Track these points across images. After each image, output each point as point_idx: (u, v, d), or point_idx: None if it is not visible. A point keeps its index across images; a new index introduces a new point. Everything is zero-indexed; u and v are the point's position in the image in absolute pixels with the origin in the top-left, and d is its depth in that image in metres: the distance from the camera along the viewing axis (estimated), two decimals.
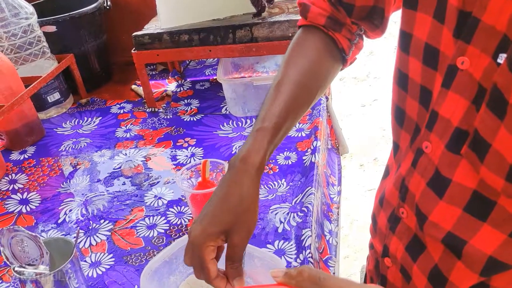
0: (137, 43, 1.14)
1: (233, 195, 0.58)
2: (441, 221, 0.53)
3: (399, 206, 0.59)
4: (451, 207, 0.52)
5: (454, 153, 0.50)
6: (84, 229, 0.87)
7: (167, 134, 1.12)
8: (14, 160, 1.10)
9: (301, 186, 0.89)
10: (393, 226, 0.61)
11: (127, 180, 0.99)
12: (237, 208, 0.57)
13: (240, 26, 1.08)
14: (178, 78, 1.36)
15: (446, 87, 0.50)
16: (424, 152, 0.54)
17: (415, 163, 0.56)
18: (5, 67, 1.06)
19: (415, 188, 0.56)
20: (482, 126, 0.46)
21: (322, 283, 0.45)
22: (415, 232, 0.58)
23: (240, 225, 0.57)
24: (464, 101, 0.48)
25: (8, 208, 0.95)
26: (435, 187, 0.53)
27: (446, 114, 0.50)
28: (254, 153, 0.59)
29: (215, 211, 0.58)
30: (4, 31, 1.13)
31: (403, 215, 0.59)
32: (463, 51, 0.47)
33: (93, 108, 1.27)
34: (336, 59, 0.70)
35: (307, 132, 1.04)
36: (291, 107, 0.63)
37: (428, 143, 0.53)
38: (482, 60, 0.45)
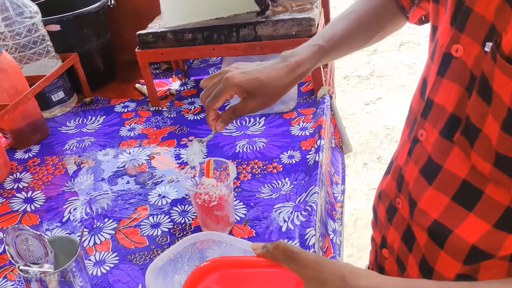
0: (141, 42, 1.14)
1: (274, 78, 0.70)
2: (429, 208, 0.54)
3: (396, 196, 0.61)
4: (439, 194, 0.53)
5: (447, 139, 0.51)
6: (88, 228, 0.87)
7: (171, 133, 1.12)
8: (18, 159, 1.11)
9: (305, 185, 0.89)
10: (390, 217, 0.63)
11: (131, 179, 0.99)
12: (272, 84, 0.70)
13: (243, 24, 1.08)
14: (181, 77, 1.36)
15: (441, 75, 0.52)
16: (419, 140, 0.56)
17: (411, 151, 0.58)
18: (9, 66, 1.06)
19: (409, 176, 0.58)
20: (473, 112, 0.47)
21: (295, 256, 0.49)
22: (408, 221, 0.59)
23: (263, 96, 0.70)
24: (458, 88, 0.49)
25: (13, 207, 0.95)
26: (426, 174, 0.54)
27: (441, 101, 0.52)
28: (307, 62, 0.72)
29: (258, 74, 0.70)
30: (8, 30, 1.14)
31: (399, 205, 0.61)
32: (457, 39, 0.49)
33: (97, 107, 1.27)
34: (397, 14, 0.76)
35: (311, 131, 1.04)
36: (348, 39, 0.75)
37: (423, 131, 0.55)
38: (473, 49, 0.47)
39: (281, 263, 0.50)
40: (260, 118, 1.12)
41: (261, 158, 0.98)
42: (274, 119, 1.11)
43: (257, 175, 0.94)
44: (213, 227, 0.81)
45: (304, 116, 1.10)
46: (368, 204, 2.21)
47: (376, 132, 2.69)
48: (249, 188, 0.91)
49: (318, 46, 0.73)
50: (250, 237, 0.80)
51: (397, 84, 3.08)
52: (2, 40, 1.15)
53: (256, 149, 1.01)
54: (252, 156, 0.99)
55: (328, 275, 0.47)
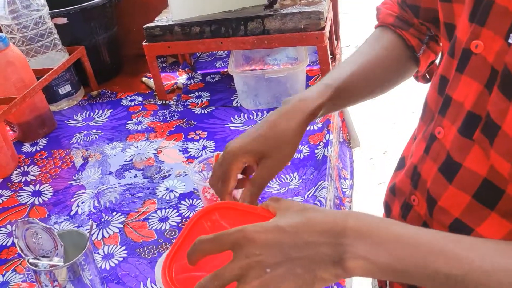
0: (148, 35, 1.13)
1: (281, 124, 0.61)
2: (450, 206, 0.53)
3: (411, 193, 0.60)
4: (460, 193, 0.52)
5: (466, 137, 0.50)
6: (97, 221, 0.87)
7: (178, 127, 1.12)
8: (26, 152, 1.11)
9: (313, 180, 0.88)
10: (405, 213, 0.62)
11: (138, 172, 0.99)
12: (281, 137, 0.60)
13: (251, 18, 1.07)
14: (188, 71, 1.35)
15: (460, 72, 0.51)
16: (437, 138, 0.55)
17: (428, 149, 0.56)
18: (17, 59, 1.06)
19: (427, 174, 0.57)
20: (494, 109, 0.46)
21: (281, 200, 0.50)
22: (425, 219, 0.58)
23: (277, 154, 0.60)
24: (477, 85, 0.49)
25: (21, 200, 0.95)
26: (446, 172, 0.53)
27: (460, 98, 0.51)
28: (313, 99, 0.62)
29: (260, 132, 0.61)
30: (15, 23, 1.13)
31: (414, 203, 0.60)
32: (477, 34, 0.48)
33: (104, 101, 1.27)
34: (407, 56, 0.71)
35: (319, 125, 1.03)
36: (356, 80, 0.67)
37: (441, 129, 0.54)
38: (495, 43, 0.46)
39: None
40: (267, 112, 1.11)
41: None
42: None
43: None
44: None
45: None
46: (374, 199, 2.21)
47: (383, 127, 2.68)
48: None
49: (324, 84, 0.65)
50: None
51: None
52: (9, 33, 1.15)
53: None
54: None
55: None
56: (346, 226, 0.44)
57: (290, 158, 0.62)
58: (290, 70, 1.08)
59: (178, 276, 0.51)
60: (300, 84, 1.11)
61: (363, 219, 0.45)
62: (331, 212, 0.48)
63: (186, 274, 0.51)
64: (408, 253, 0.42)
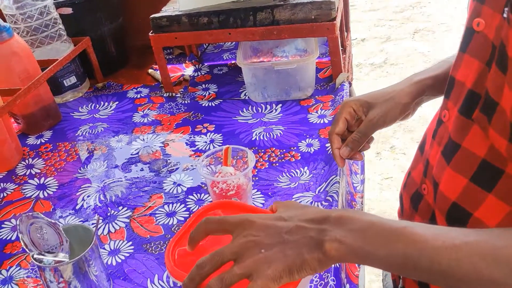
0: (154, 26, 1.11)
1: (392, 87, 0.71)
2: (447, 190, 0.53)
3: (422, 182, 0.59)
4: (457, 175, 0.51)
5: (466, 117, 0.50)
6: (103, 216, 0.85)
7: (185, 120, 1.09)
8: (30, 144, 1.09)
9: (324, 175, 0.86)
10: (415, 204, 0.61)
11: (145, 166, 0.97)
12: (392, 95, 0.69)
13: (261, 8, 1.05)
14: (195, 63, 1.33)
15: (463, 51, 0.51)
16: (443, 121, 0.54)
17: (435, 133, 0.56)
18: (21, 49, 1.03)
19: (433, 159, 0.56)
20: (492, 85, 0.46)
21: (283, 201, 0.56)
22: (433, 207, 0.57)
23: (384, 107, 0.69)
24: (478, 63, 0.48)
25: (26, 193, 0.94)
26: (445, 154, 0.53)
27: (461, 78, 0.51)
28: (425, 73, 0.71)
29: (372, 92, 0.72)
30: (20, 12, 1.11)
31: (425, 192, 0.59)
32: (479, 12, 0.48)
33: (110, 93, 1.25)
34: None
35: (330, 118, 1.01)
36: None
37: (446, 111, 0.54)
38: (494, 19, 0.46)
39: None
40: (276, 105, 1.09)
41: (278, 146, 0.96)
42: (291, 106, 1.08)
43: (274, 163, 0.91)
44: None
45: (322, 104, 1.06)
46: (381, 194, 2.18)
47: None
48: (267, 177, 0.88)
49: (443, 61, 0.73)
50: None
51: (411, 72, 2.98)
52: (14, 23, 1.13)
53: (273, 137, 0.99)
54: (269, 144, 0.97)
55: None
56: (330, 215, 0.48)
57: (396, 119, 0.70)
58: (300, 62, 1.05)
59: (181, 259, 0.55)
60: (310, 76, 1.09)
61: (345, 211, 0.49)
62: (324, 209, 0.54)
63: (189, 258, 0.54)
64: (376, 237, 0.45)
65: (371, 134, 0.72)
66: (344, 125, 0.72)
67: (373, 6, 3.99)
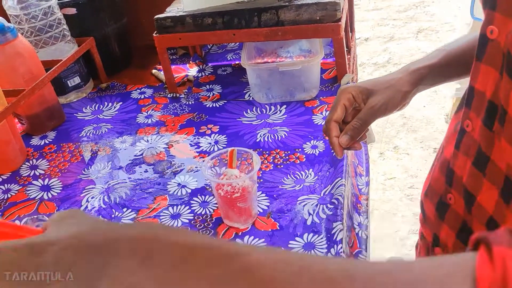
0: (159, 26, 1.11)
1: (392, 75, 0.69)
2: (485, 202, 0.51)
3: (447, 191, 0.58)
4: (492, 187, 0.50)
5: (489, 129, 0.48)
6: (107, 218, 0.85)
7: (189, 121, 1.09)
8: (34, 145, 1.09)
9: (330, 177, 0.85)
10: (441, 214, 0.60)
11: (149, 167, 0.96)
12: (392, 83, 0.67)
13: (265, 9, 1.04)
14: (199, 63, 1.32)
15: (479, 60, 0.49)
16: (466, 131, 0.53)
17: (459, 144, 0.55)
18: (25, 50, 1.03)
19: (461, 169, 0.54)
20: (503, 93, 0.44)
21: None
22: (464, 217, 0.56)
23: (384, 94, 0.66)
24: (494, 72, 0.47)
25: (30, 195, 0.93)
26: (479, 165, 0.51)
27: (481, 88, 0.49)
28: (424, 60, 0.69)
29: (372, 79, 0.69)
30: (24, 13, 1.11)
31: (451, 201, 0.57)
32: (491, 20, 0.46)
33: (113, 93, 1.24)
34: None
35: None
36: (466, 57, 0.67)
37: (469, 121, 0.52)
38: (506, 26, 0.44)
39: None
40: (281, 107, 1.08)
41: (283, 148, 0.95)
42: (296, 108, 1.07)
43: (279, 165, 0.91)
44: (235, 219, 0.78)
45: (327, 105, 1.06)
46: (384, 194, 2.18)
47: (393, 121, 2.64)
48: (272, 179, 0.88)
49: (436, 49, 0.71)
50: (274, 230, 0.77)
51: None
52: (18, 23, 1.12)
53: (278, 139, 0.98)
54: (273, 145, 0.96)
55: None
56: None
57: (397, 107, 0.68)
58: (305, 63, 1.05)
59: None
60: (315, 77, 1.08)
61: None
62: None
63: None
64: None
65: (372, 122, 0.69)
66: (342, 112, 0.68)
67: (377, 5, 3.98)
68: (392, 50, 3.33)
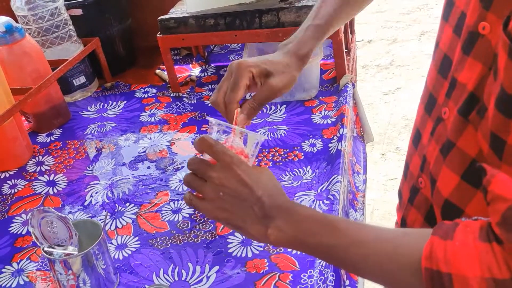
0: (162, 27, 1.13)
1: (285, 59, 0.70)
2: (442, 186, 0.55)
3: (419, 176, 0.61)
4: (450, 173, 0.53)
5: (463, 117, 0.51)
6: (110, 212, 0.88)
7: (192, 119, 1.12)
8: (40, 142, 1.12)
9: (326, 174, 0.88)
10: (412, 196, 0.63)
11: (151, 164, 0.99)
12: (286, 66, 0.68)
13: (266, 10, 1.07)
14: (202, 63, 1.35)
15: (466, 54, 0.51)
16: (442, 119, 0.56)
17: (433, 131, 0.58)
18: (32, 49, 1.06)
19: (431, 155, 0.58)
20: (487, 90, 0.48)
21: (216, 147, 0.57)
22: (431, 202, 0.59)
23: (281, 76, 0.67)
24: (481, 67, 0.49)
25: (36, 190, 0.96)
26: (443, 151, 0.55)
27: (463, 80, 0.52)
28: (307, 42, 0.72)
29: (266, 58, 0.69)
30: (31, 13, 1.14)
31: (421, 185, 0.61)
32: (484, 17, 0.49)
33: (118, 92, 1.27)
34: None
35: (333, 119, 1.03)
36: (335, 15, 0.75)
37: (446, 109, 0.55)
38: (498, 27, 0.46)
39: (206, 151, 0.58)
40: (281, 106, 1.11)
41: (282, 146, 0.98)
42: (295, 107, 1.10)
43: (278, 162, 0.93)
44: None
45: (326, 105, 1.08)
46: (385, 194, 2.19)
47: (395, 123, 2.66)
48: None
49: (313, 26, 0.73)
50: None
51: (417, 74, 3.03)
52: (25, 23, 1.16)
53: (277, 137, 1.01)
54: (273, 143, 0.99)
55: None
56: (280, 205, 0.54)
57: (290, 87, 0.70)
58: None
59: None
60: (314, 77, 1.11)
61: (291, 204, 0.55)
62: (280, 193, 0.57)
63: None
64: (308, 228, 0.52)
65: (267, 103, 0.70)
66: (243, 92, 0.66)
67: (380, 7, 3.99)
68: (395, 52, 3.34)
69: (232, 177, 0.55)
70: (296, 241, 0.52)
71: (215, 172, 0.56)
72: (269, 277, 0.71)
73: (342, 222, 0.52)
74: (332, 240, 0.50)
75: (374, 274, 0.48)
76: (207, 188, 0.56)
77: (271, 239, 0.53)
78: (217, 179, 0.55)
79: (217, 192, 0.55)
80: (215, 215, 0.57)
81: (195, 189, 0.58)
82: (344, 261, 0.50)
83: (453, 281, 0.41)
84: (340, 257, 0.50)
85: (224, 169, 0.55)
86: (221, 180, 0.55)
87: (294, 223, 0.53)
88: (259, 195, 0.54)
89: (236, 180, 0.55)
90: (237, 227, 0.56)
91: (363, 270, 0.49)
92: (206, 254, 0.76)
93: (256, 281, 0.71)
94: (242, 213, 0.55)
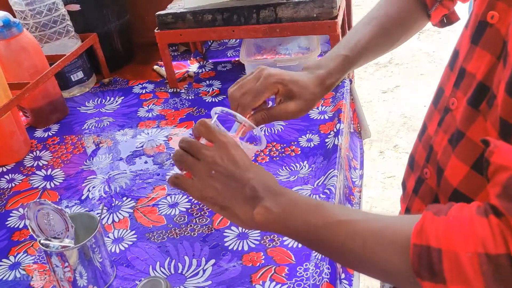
0: (160, 23, 1.13)
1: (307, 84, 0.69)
2: (451, 176, 0.55)
3: (424, 166, 0.61)
4: (460, 163, 0.53)
5: (473, 107, 0.51)
6: (107, 206, 0.88)
7: (189, 115, 1.12)
8: (38, 137, 1.12)
9: (323, 168, 0.88)
10: (416, 187, 0.63)
11: (149, 159, 0.99)
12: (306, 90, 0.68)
13: (264, 6, 1.07)
14: (200, 59, 1.35)
15: (475, 43, 0.52)
16: (450, 109, 0.56)
17: (441, 121, 0.58)
18: (30, 44, 1.06)
19: (438, 145, 0.58)
20: (497, 79, 0.47)
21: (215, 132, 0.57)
22: (436, 192, 0.59)
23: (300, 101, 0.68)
24: (490, 56, 0.50)
25: (33, 184, 0.96)
26: (452, 142, 0.55)
27: (472, 70, 0.52)
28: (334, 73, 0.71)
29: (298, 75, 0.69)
30: (29, 9, 1.14)
31: (427, 175, 0.61)
32: (493, 5, 0.49)
33: (116, 88, 1.27)
34: (419, 13, 0.75)
35: (330, 114, 1.03)
36: (372, 47, 0.74)
37: (455, 99, 0.55)
38: (508, 15, 0.47)
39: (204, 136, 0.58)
40: None
41: (279, 141, 0.98)
42: None
43: (275, 157, 0.94)
44: None
45: (323, 100, 1.08)
46: (384, 192, 2.20)
47: (393, 121, 2.66)
48: (267, 170, 0.90)
49: (343, 56, 0.72)
50: None
51: (415, 72, 3.03)
52: (23, 18, 1.16)
53: (274, 132, 1.01)
54: (270, 138, 0.99)
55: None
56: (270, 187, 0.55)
57: (305, 113, 0.70)
58: (302, 60, 1.07)
59: None
60: None
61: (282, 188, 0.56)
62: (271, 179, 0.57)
63: None
64: (295, 210, 0.52)
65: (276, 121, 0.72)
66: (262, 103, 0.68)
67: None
68: (394, 50, 3.34)
69: (226, 156, 0.55)
70: (282, 221, 0.52)
71: (209, 151, 0.56)
72: (265, 270, 0.71)
73: (330, 204, 0.53)
74: (320, 220, 0.50)
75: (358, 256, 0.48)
76: (199, 166, 0.55)
77: (256, 218, 0.53)
78: (211, 157, 0.55)
79: (209, 170, 0.55)
80: (202, 194, 0.56)
81: (185, 165, 0.57)
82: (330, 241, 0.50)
83: (443, 257, 0.40)
84: (327, 237, 0.49)
85: (219, 149, 0.56)
86: (215, 158, 0.55)
87: (282, 203, 0.53)
88: (251, 176, 0.54)
89: (230, 160, 0.55)
90: (223, 207, 0.55)
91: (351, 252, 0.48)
92: (202, 248, 0.77)
93: (252, 274, 0.71)
94: (231, 193, 0.54)
